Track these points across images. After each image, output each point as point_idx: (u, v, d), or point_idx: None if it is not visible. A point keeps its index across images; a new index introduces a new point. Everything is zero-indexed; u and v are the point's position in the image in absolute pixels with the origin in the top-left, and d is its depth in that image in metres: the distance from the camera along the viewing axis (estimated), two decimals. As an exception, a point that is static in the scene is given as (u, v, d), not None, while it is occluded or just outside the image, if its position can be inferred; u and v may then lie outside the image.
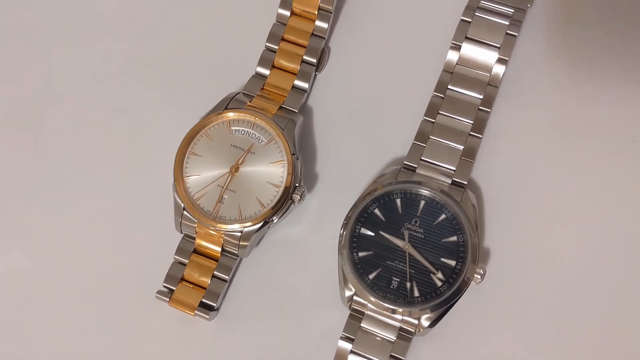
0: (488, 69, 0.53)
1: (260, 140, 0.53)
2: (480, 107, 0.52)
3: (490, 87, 0.52)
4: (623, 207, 0.52)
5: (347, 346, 0.49)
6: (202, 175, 0.53)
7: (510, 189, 0.53)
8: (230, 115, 0.53)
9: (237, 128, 0.53)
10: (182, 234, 0.54)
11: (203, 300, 0.52)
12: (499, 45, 0.52)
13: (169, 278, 0.53)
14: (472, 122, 0.52)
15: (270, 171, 0.52)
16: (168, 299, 0.52)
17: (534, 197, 0.53)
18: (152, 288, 0.53)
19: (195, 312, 0.52)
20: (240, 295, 0.54)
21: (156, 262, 0.54)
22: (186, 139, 0.53)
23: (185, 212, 0.52)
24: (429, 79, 0.55)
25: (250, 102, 0.54)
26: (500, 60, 0.52)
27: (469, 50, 0.53)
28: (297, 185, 0.52)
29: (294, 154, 0.52)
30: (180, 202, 0.52)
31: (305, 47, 0.56)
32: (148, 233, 0.55)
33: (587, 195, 0.52)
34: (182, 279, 0.53)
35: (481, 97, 0.52)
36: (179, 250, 0.53)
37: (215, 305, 0.52)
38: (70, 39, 0.60)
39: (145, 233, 0.55)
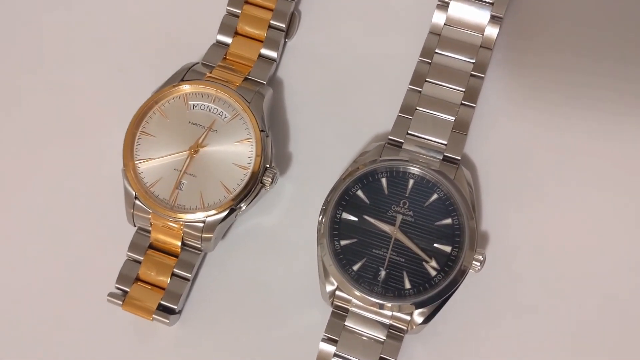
0: (480, 29, 0.47)
1: (223, 116, 0.46)
2: (472, 73, 0.46)
3: (483, 49, 0.47)
4: (629, 187, 0.47)
5: (330, 349, 0.43)
6: (156, 159, 0.46)
7: (508, 165, 0.47)
8: (187, 88, 0.46)
9: (195, 102, 0.46)
10: (136, 227, 0.47)
11: (162, 302, 0.45)
12: (491, 2, 0.46)
13: (121, 278, 0.46)
14: (463, 90, 0.46)
15: (236, 151, 0.46)
16: (121, 302, 0.45)
17: (535, 174, 0.47)
18: (103, 290, 0.46)
19: (153, 316, 0.45)
20: (205, 295, 0.47)
21: (108, 261, 0.47)
22: (136, 117, 0.46)
23: (137, 202, 0.45)
24: (413, 44, 0.48)
25: (211, 72, 0.48)
26: (493, 19, 0.46)
27: (458, 8, 0.47)
28: (267, 166, 0.46)
29: (262, 131, 0.46)
30: (131, 190, 0.45)
31: (272, 10, 0.49)
32: (98, 228, 0.48)
33: (592, 172, 0.47)
34: (137, 279, 0.46)
35: (473, 61, 0.46)
36: (133, 246, 0.46)
37: (176, 307, 0.45)
38: None
39: (94, 229, 0.48)
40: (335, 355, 0.43)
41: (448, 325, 0.45)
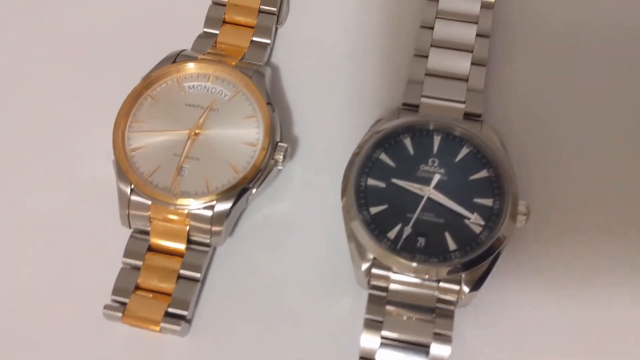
0: (477, -3, 0.46)
1: (223, 95, 0.42)
2: (478, 34, 0.45)
3: (484, 10, 0.45)
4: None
5: (375, 333, 0.37)
6: (151, 147, 0.41)
7: (525, 118, 0.45)
8: (183, 68, 0.42)
9: (191, 84, 0.43)
10: (131, 230, 0.40)
11: (169, 310, 0.39)
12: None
13: (117, 289, 0.39)
14: (471, 50, 0.44)
15: (241, 129, 0.41)
16: (120, 314, 0.38)
17: (555, 124, 0.45)
18: (100, 304, 0.39)
19: (162, 325, 0.38)
20: (217, 300, 0.41)
21: (105, 270, 0.40)
22: (125, 105, 0.42)
23: (133, 197, 0.40)
24: (411, 11, 0.47)
25: (203, 55, 0.44)
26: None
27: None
28: (278, 141, 0.41)
29: (268, 104, 0.42)
30: (125, 185, 0.40)
31: (260, -4, 0.47)
32: (89, 235, 0.42)
33: (613, 118, 0.45)
34: (137, 288, 0.39)
35: (476, 22, 0.45)
36: (128, 252, 0.40)
37: (186, 314, 0.39)
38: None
39: (86, 236, 0.42)
40: (383, 344, 0.37)
41: (492, 292, 0.40)
